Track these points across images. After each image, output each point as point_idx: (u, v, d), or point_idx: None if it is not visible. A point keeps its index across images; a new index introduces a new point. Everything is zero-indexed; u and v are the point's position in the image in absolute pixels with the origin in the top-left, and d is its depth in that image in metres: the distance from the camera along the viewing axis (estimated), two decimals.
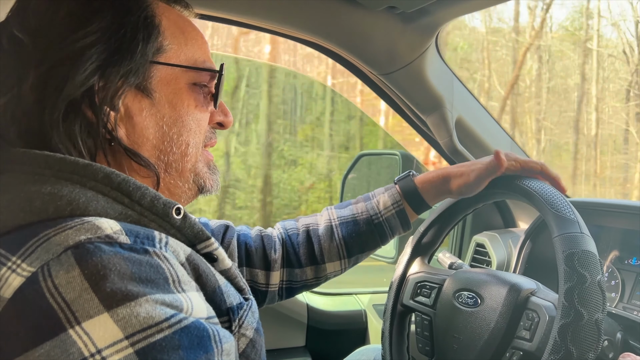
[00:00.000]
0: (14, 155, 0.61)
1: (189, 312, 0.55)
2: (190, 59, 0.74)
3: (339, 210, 1.11)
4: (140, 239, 0.57)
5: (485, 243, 1.55)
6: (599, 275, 0.79)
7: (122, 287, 0.51)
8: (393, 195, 1.08)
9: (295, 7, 1.27)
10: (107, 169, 0.62)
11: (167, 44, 0.71)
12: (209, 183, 0.79)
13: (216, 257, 0.69)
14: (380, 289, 2.07)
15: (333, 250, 1.06)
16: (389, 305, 1.14)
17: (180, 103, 0.72)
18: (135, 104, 0.69)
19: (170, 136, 0.72)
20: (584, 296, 0.77)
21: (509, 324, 0.90)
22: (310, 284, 1.10)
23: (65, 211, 0.57)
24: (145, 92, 0.69)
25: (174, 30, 0.73)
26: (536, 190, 0.92)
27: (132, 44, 0.66)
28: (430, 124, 1.55)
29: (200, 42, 0.77)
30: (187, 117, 0.73)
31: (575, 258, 0.80)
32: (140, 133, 0.70)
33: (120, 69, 0.65)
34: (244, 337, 0.67)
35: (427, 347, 1.07)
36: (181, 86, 0.73)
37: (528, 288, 0.93)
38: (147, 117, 0.70)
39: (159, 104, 0.71)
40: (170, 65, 0.71)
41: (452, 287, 1.02)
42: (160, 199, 0.64)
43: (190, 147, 0.74)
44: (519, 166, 1.00)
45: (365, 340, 1.91)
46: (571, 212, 0.86)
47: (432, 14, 1.27)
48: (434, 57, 1.44)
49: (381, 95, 1.62)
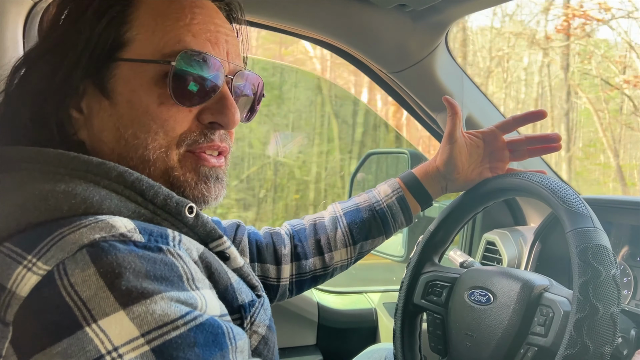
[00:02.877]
0: (28, 154, 0.61)
1: (203, 310, 0.55)
2: (161, 47, 0.66)
3: (343, 203, 1.15)
4: (154, 237, 0.57)
5: (496, 241, 1.55)
6: (613, 269, 0.78)
7: (137, 285, 0.51)
8: (392, 184, 1.12)
9: (305, 5, 1.27)
10: (121, 168, 0.62)
11: (135, 34, 0.66)
12: (195, 193, 0.70)
13: (228, 256, 0.70)
14: (390, 287, 2.07)
15: (339, 238, 1.09)
16: (400, 305, 1.14)
17: (138, 101, 0.66)
18: (95, 105, 0.68)
19: (125, 139, 0.66)
20: (599, 290, 0.77)
21: (522, 320, 0.90)
22: (319, 275, 1.11)
23: (80, 209, 0.57)
24: (103, 92, 0.67)
25: (146, 16, 0.67)
26: (547, 186, 0.92)
27: (90, 40, 0.65)
28: (440, 121, 1.55)
29: (186, 21, 0.67)
30: (145, 117, 0.66)
31: (589, 252, 0.79)
32: (97, 136, 0.68)
33: (77, 68, 0.65)
34: (256, 334, 0.67)
35: (440, 345, 1.07)
36: (144, 81, 0.66)
37: (541, 284, 0.92)
38: (105, 118, 0.67)
39: (118, 104, 0.66)
40: (131, 60, 0.66)
41: (464, 285, 1.02)
42: (173, 197, 0.64)
43: (150, 150, 0.66)
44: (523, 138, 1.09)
45: (376, 338, 1.90)
46: (583, 207, 0.86)
47: (442, 12, 1.27)
48: (443, 55, 1.44)
49: (391, 94, 1.61)
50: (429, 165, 1.13)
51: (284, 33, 1.41)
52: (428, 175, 1.12)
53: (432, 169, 1.12)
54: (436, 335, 1.08)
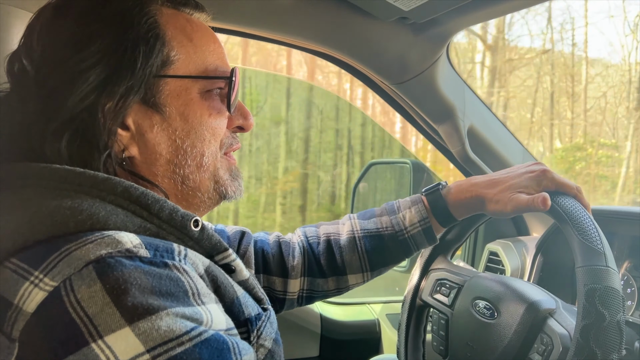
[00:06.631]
0: (34, 170, 0.61)
1: (208, 325, 0.55)
2: (201, 66, 0.73)
3: (363, 221, 1.06)
4: (159, 252, 0.57)
5: (499, 251, 1.55)
6: (619, 314, 0.75)
7: (143, 301, 0.51)
8: (420, 212, 1.02)
9: (307, 18, 1.28)
10: (126, 183, 0.62)
11: (175, 55, 0.70)
12: (231, 190, 0.78)
13: (234, 268, 0.70)
14: (393, 297, 2.07)
15: (355, 262, 1.03)
16: (408, 298, 1.13)
17: (193, 114, 0.72)
18: (145, 121, 0.69)
19: (184, 149, 0.72)
20: (600, 336, 0.73)
21: (523, 344, 0.88)
22: (331, 294, 1.08)
23: (86, 225, 0.58)
24: (154, 107, 0.69)
25: (181, 39, 0.72)
26: (567, 211, 0.86)
27: (131, 60, 0.66)
28: (442, 132, 1.55)
29: (212, 47, 0.75)
30: (200, 128, 0.72)
31: (597, 295, 0.75)
32: (152, 149, 0.70)
33: (120, 88, 0.65)
34: (262, 347, 0.67)
35: (442, 346, 1.06)
36: (192, 96, 0.72)
37: (547, 308, 0.89)
38: (159, 132, 0.70)
39: (170, 118, 0.70)
40: (178, 77, 0.71)
41: (470, 293, 1.01)
42: (179, 211, 0.65)
43: (206, 157, 0.74)
44: (553, 187, 0.92)
45: (379, 350, 1.90)
46: (599, 243, 0.80)
47: (443, 24, 1.28)
48: (445, 67, 1.45)
49: (392, 105, 1.62)
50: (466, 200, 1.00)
51: (285, 45, 1.42)
52: (460, 207, 1.01)
53: (470, 204, 1.00)
54: (439, 335, 1.07)
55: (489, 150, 1.59)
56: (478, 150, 1.56)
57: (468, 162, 1.55)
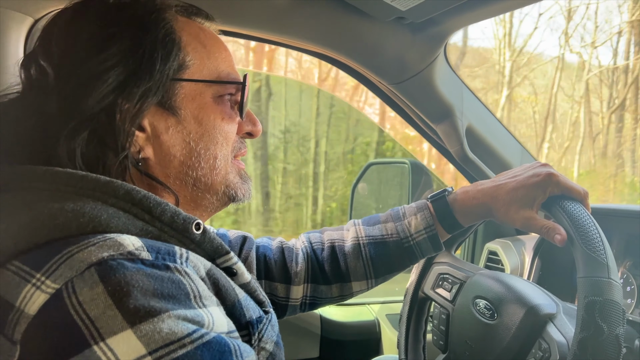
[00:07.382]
0: (36, 173, 0.61)
1: (210, 327, 0.55)
2: (214, 72, 0.75)
3: (367, 227, 1.05)
4: (161, 254, 0.58)
5: (498, 250, 1.55)
6: (618, 328, 0.73)
7: (144, 304, 0.51)
8: (426, 219, 1.00)
9: (304, 19, 1.28)
10: (128, 186, 0.62)
11: (190, 60, 0.72)
12: (241, 193, 0.80)
13: (235, 271, 0.70)
14: (392, 298, 2.07)
15: (359, 269, 1.03)
16: (410, 291, 1.12)
17: (207, 117, 0.74)
18: (161, 123, 0.70)
19: (197, 151, 0.73)
20: (597, 350, 0.72)
21: (521, 348, 0.87)
22: (335, 301, 1.08)
23: (88, 228, 0.58)
24: (170, 110, 0.71)
25: (195, 45, 0.74)
26: (572, 218, 0.83)
27: (150, 63, 0.67)
28: (440, 132, 1.55)
29: (223, 54, 0.78)
30: (214, 131, 0.74)
31: (597, 307, 0.73)
32: (167, 151, 0.71)
33: (139, 89, 0.66)
34: (264, 350, 0.67)
35: (442, 341, 1.07)
36: (206, 100, 0.74)
37: (547, 313, 0.88)
38: (174, 134, 0.71)
39: (185, 121, 0.72)
40: (194, 81, 0.72)
41: (472, 291, 1.01)
42: (180, 214, 0.65)
43: (219, 160, 0.75)
44: (559, 192, 0.90)
45: (379, 350, 1.90)
46: (603, 253, 0.78)
47: (441, 24, 1.28)
48: (443, 66, 1.45)
49: (390, 105, 1.62)
50: (474, 207, 0.99)
51: (283, 46, 1.42)
52: (468, 214, 1.00)
53: (478, 212, 0.99)
54: (440, 330, 1.07)
55: (488, 149, 1.59)
56: (476, 149, 1.57)
57: (466, 161, 1.55)
